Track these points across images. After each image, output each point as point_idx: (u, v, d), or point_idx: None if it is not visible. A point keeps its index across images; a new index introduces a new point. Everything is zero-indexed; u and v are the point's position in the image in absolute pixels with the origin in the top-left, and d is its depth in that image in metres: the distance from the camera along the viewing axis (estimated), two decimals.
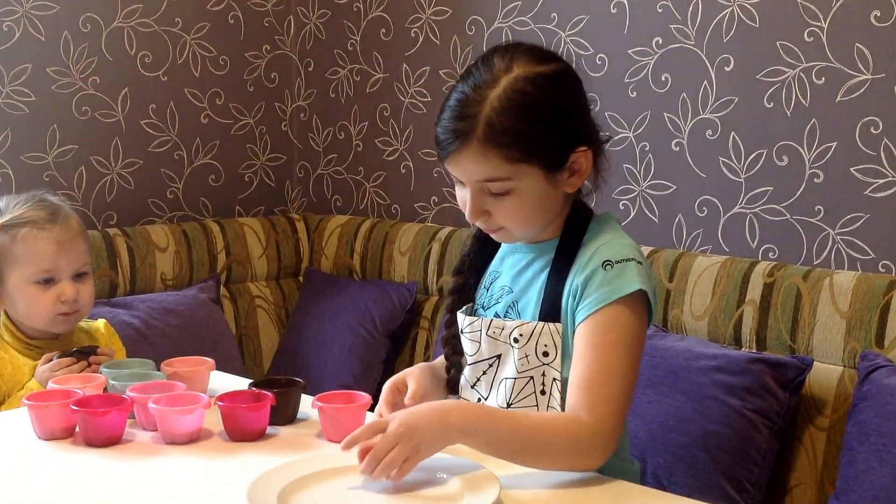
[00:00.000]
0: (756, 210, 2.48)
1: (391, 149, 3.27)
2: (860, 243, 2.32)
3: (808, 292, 2.24)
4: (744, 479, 2.14)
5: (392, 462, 1.39)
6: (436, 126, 1.58)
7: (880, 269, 2.29)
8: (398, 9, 3.20)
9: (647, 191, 2.68)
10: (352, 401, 1.66)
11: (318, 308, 3.09)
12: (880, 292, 2.14)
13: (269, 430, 1.67)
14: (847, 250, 2.34)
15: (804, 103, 2.38)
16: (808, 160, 2.39)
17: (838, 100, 2.33)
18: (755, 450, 2.15)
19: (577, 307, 1.57)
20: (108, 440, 1.63)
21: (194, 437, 1.64)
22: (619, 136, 2.70)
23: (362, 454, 1.41)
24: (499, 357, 1.65)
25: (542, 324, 1.59)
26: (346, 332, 2.97)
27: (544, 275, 1.62)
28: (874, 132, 2.28)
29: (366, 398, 1.66)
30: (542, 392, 1.60)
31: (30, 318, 2.07)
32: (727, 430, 2.14)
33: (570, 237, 1.63)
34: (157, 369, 1.85)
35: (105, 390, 1.77)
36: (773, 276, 2.30)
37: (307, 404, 1.71)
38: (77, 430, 1.65)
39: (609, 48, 2.71)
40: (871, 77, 2.28)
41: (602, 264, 1.56)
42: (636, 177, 2.69)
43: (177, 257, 3.05)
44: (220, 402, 1.65)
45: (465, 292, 1.74)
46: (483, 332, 1.66)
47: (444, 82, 3.08)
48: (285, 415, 1.72)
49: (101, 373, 1.85)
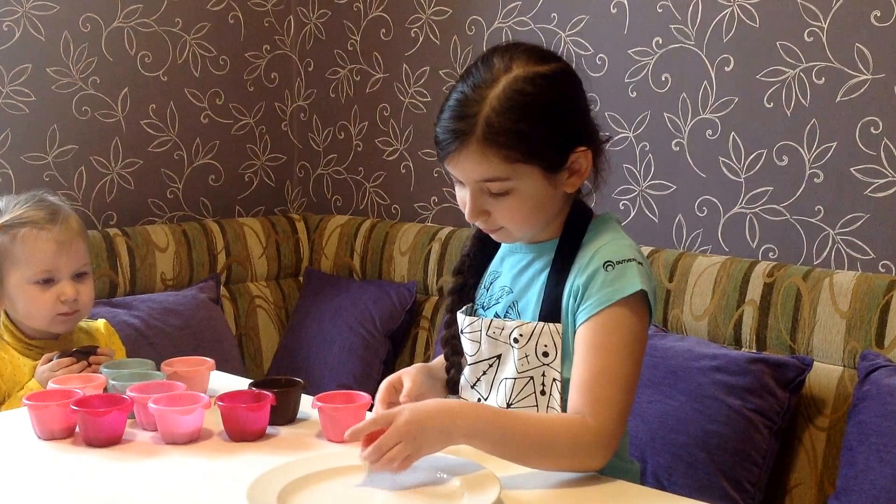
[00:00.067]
0: (756, 210, 2.48)
1: (391, 149, 3.27)
2: (860, 243, 2.32)
3: (808, 292, 2.24)
4: (744, 479, 2.14)
5: (393, 458, 1.41)
6: (435, 126, 1.58)
7: (880, 269, 2.29)
8: (398, 9, 3.20)
9: (647, 191, 2.68)
10: (352, 401, 1.66)
11: (318, 308, 3.09)
12: (880, 292, 2.14)
13: (269, 430, 1.67)
14: (847, 250, 2.34)
15: (804, 103, 2.38)
16: (808, 160, 2.39)
17: (838, 100, 2.33)
18: (755, 450, 2.15)
19: (577, 308, 1.56)
20: (108, 440, 1.63)
21: (194, 437, 1.64)
22: (619, 136, 2.70)
23: (366, 441, 1.43)
24: (499, 357, 1.65)
25: (542, 324, 1.59)
26: (346, 332, 2.97)
27: (544, 275, 1.62)
28: (874, 132, 2.28)
29: (366, 398, 1.66)
30: (542, 392, 1.60)
31: (30, 318, 2.06)
32: (727, 430, 2.14)
33: (570, 237, 1.63)
34: (157, 369, 1.85)
35: (105, 390, 1.77)
36: (773, 276, 2.30)
37: (307, 404, 1.71)
38: (77, 430, 1.65)
39: (609, 48, 2.71)
40: (871, 77, 2.28)
41: (603, 265, 1.56)
42: (636, 177, 2.69)
43: (177, 257, 3.05)
44: (220, 402, 1.65)
45: (465, 292, 1.74)
46: (483, 332, 1.66)
47: (444, 82, 3.08)
48: (285, 415, 1.72)
49: (101, 373, 1.84)
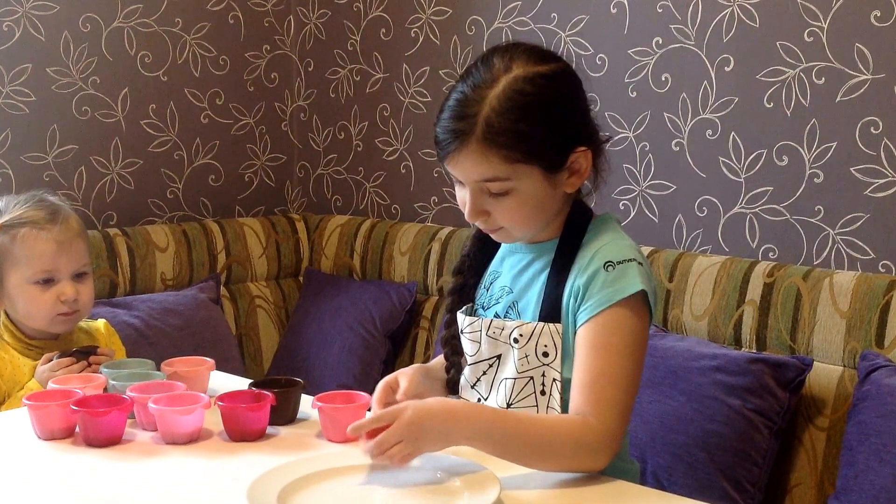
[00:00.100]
0: (756, 210, 2.48)
1: (391, 149, 3.27)
2: (860, 243, 2.32)
3: (808, 292, 2.24)
4: (744, 479, 2.14)
5: (393, 455, 1.42)
6: (435, 126, 1.58)
7: (880, 269, 2.29)
8: (398, 9, 3.20)
9: (647, 191, 2.68)
10: (352, 401, 1.66)
11: (318, 308, 3.09)
12: (880, 292, 2.14)
13: (269, 430, 1.67)
14: (847, 250, 2.34)
15: (804, 103, 2.38)
16: (808, 160, 2.39)
17: (838, 100, 2.33)
18: (755, 450, 2.15)
19: (578, 308, 1.56)
20: (108, 440, 1.63)
21: (194, 437, 1.64)
22: (619, 136, 2.70)
23: (369, 436, 1.44)
24: (499, 357, 1.65)
25: (542, 324, 1.59)
26: (346, 333, 2.97)
27: (544, 275, 1.62)
28: (874, 132, 2.28)
29: (366, 398, 1.66)
30: (542, 392, 1.60)
31: (30, 318, 2.06)
32: (727, 430, 2.14)
33: (570, 237, 1.62)
34: (157, 369, 1.85)
35: (105, 390, 1.77)
36: (773, 276, 2.30)
37: (307, 404, 1.71)
38: (77, 430, 1.65)
39: (609, 48, 2.71)
40: (871, 77, 2.28)
41: (603, 265, 1.56)
42: (636, 177, 2.69)
43: (177, 257, 3.04)
44: (220, 402, 1.65)
45: (464, 292, 1.74)
46: (483, 332, 1.66)
47: (444, 82, 3.08)
48: (285, 415, 1.72)
49: (101, 373, 1.84)
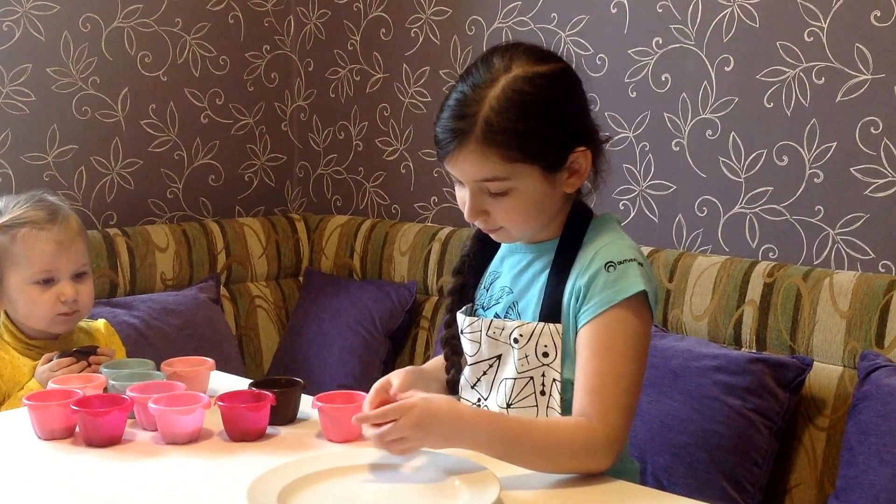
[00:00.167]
0: (756, 210, 2.48)
1: (391, 149, 3.27)
2: (860, 243, 2.32)
3: (808, 292, 2.24)
4: (744, 479, 2.14)
5: (393, 450, 1.44)
6: (435, 126, 1.58)
7: (880, 269, 2.29)
8: (398, 9, 3.20)
9: (647, 191, 2.68)
10: (352, 401, 1.65)
11: (318, 308, 3.09)
12: (880, 292, 2.14)
13: (269, 430, 1.67)
14: (847, 250, 2.34)
15: (804, 103, 2.38)
16: (808, 160, 2.39)
17: (838, 100, 2.33)
18: (755, 450, 2.15)
19: (579, 309, 1.56)
20: (108, 440, 1.63)
21: (194, 437, 1.64)
22: (619, 136, 2.70)
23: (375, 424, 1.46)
24: (499, 357, 1.65)
25: (542, 324, 1.59)
26: (346, 332, 2.97)
27: (544, 275, 1.62)
28: (874, 132, 2.28)
29: (365, 398, 1.66)
30: (542, 392, 1.60)
31: (30, 318, 2.06)
32: (727, 430, 2.14)
33: (570, 238, 1.62)
34: (157, 369, 1.85)
35: (105, 390, 1.77)
36: (773, 276, 2.30)
37: (307, 404, 1.71)
38: (77, 430, 1.65)
39: (609, 48, 2.71)
40: (871, 77, 2.28)
41: (604, 266, 1.55)
42: (636, 177, 2.69)
43: (177, 257, 3.04)
44: (220, 402, 1.65)
45: (464, 292, 1.74)
46: (483, 332, 1.66)
47: (444, 82, 3.08)
48: (285, 415, 1.72)
49: (101, 373, 1.84)
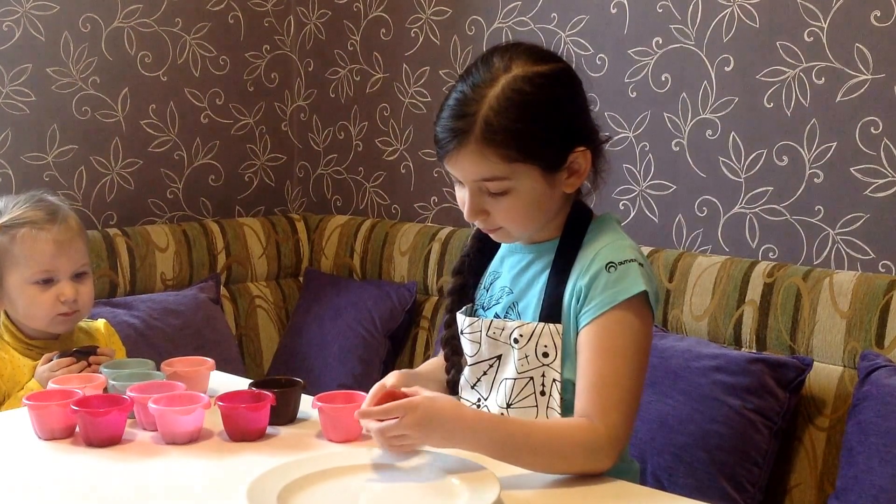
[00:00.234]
0: (756, 210, 2.48)
1: (391, 149, 3.27)
2: (860, 243, 2.32)
3: (808, 292, 2.24)
4: (744, 479, 2.14)
5: (392, 447, 1.45)
6: (435, 125, 1.58)
7: (880, 269, 2.29)
8: (398, 9, 3.20)
9: (647, 191, 2.67)
10: (352, 401, 1.65)
11: (318, 308, 3.09)
12: (880, 292, 2.14)
13: (269, 430, 1.67)
14: (847, 250, 2.34)
15: (804, 103, 2.38)
16: (808, 160, 2.39)
17: (838, 100, 2.33)
18: (755, 450, 2.15)
19: (580, 310, 1.56)
20: (108, 440, 1.63)
21: (194, 437, 1.64)
22: (619, 136, 2.70)
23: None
24: (499, 358, 1.65)
25: (542, 324, 1.59)
26: (346, 332, 2.97)
27: (545, 276, 1.62)
28: (874, 132, 2.28)
29: (365, 398, 1.66)
30: (542, 393, 1.60)
31: (29, 318, 2.06)
32: (727, 430, 2.14)
33: (570, 238, 1.62)
34: (157, 369, 1.85)
35: (105, 390, 1.77)
36: (773, 276, 2.30)
37: (307, 404, 1.71)
38: (77, 430, 1.65)
39: (609, 48, 2.71)
40: (871, 77, 2.28)
41: (605, 266, 1.55)
42: (636, 177, 2.69)
43: (177, 257, 3.04)
44: (220, 402, 1.65)
45: (464, 293, 1.74)
46: (483, 332, 1.66)
47: (444, 82, 3.08)
48: (285, 415, 1.72)
49: (101, 373, 1.84)
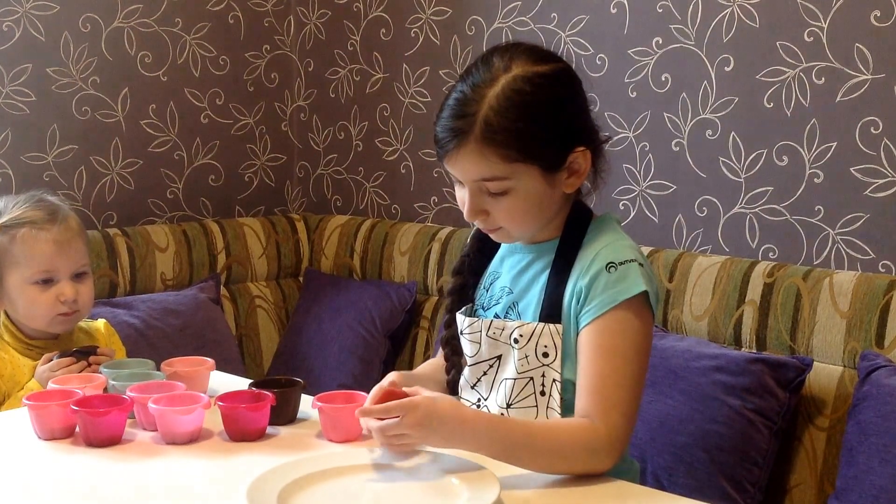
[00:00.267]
0: (756, 210, 2.48)
1: (391, 149, 3.27)
2: (860, 243, 2.32)
3: (808, 292, 2.24)
4: (744, 479, 2.14)
5: (392, 446, 1.45)
6: (435, 125, 1.58)
7: (880, 269, 2.29)
8: (398, 9, 3.20)
9: (647, 191, 2.67)
10: (352, 401, 1.65)
11: (318, 308, 3.09)
12: (880, 292, 2.14)
13: (269, 430, 1.67)
14: (847, 250, 2.34)
15: (804, 103, 2.38)
16: (808, 160, 2.39)
17: (838, 100, 2.33)
18: (755, 450, 2.15)
19: (580, 310, 1.56)
20: (108, 440, 1.63)
21: (194, 437, 1.64)
22: (619, 136, 2.70)
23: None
24: (499, 358, 1.65)
25: (542, 325, 1.59)
26: (346, 332, 2.97)
27: (545, 276, 1.62)
28: (874, 132, 2.28)
29: (365, 398, 1.66)
30: (542, 393, 1.60)
31: (29, 318, 2.06)
32: (727, 430, 2.14)
33: (570, 238, 1.62)
34: (157, 369, 1.85)
35: (105, 390, 1.77)
36: (773, 276, 2.30)
37: (307, 404, 1.71)
38: (77, 430, 1.65)
39: (609, 48, 2.71)
40: (871, 77, 2.28)
41: (606, 266, 1.55)
42: (636, 177, 2.69)
43: (177, 257, 3.04)
44: (220, 402, 1.65)
45: (464, 293, 1.74)
46: (483, 332, 1.66)
47: (444, 82, 3.08)
48: (285, 415, 1.72)
49: (101, 373, 1.84)
